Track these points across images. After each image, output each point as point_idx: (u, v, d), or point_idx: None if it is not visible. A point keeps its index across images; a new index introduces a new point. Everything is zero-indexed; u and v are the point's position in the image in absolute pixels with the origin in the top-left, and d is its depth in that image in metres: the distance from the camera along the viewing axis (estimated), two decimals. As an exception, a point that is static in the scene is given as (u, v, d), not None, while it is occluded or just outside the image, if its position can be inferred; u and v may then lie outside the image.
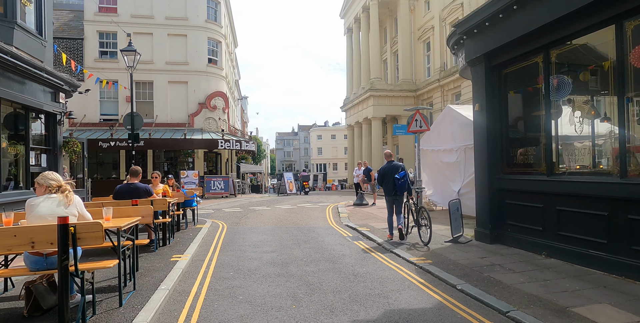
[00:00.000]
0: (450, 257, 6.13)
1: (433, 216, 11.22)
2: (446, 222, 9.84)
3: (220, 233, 8.82)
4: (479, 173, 7.28)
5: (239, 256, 6.53)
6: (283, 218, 11.65)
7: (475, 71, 7.23)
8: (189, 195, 8.64)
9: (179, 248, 6.82)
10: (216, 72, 23.38)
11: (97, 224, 3.19)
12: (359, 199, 14.75)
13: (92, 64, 21.21)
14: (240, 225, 10.29)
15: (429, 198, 13.13)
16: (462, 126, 10.75)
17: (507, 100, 6.89)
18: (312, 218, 11.68)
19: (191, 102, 22.40)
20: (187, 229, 8.85)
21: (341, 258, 6.40)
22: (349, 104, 39.57)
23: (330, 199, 18.70)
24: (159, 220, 6.59)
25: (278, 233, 8.93)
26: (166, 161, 23.37)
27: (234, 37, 32.99)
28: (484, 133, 7.04)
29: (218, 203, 17.24)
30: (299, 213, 12.90)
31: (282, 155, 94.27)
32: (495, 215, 6.90)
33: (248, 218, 11.80)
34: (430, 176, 13.04)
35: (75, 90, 10.62)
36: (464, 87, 25.51)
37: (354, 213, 12.72)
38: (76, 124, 20.95)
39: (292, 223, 10.64)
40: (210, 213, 13.21)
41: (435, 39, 30.40)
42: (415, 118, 10.98)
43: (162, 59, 22.05)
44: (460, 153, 10.82)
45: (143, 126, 21.90)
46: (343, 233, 9.11)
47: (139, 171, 6.50)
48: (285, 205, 15.87)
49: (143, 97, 22.20)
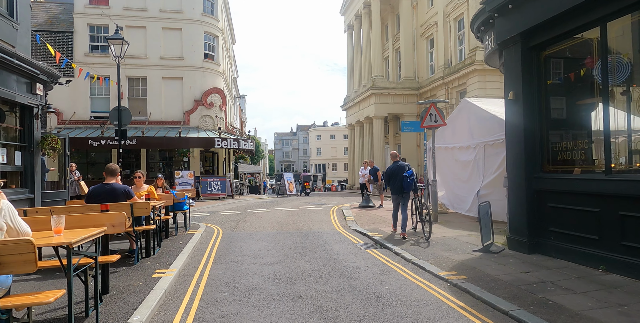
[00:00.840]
0: (487, 271, 5.15)
1: (447, 220, 10.33)
2: (465, 227, 8.90)
3: (214, 240, 7.82)
4: (513, 171, 6.30)
5: (235, 270, 5.53)
6: (284, 222, 10.65)
7: (509, 54, 6.25)
8: (180, 197, 7.64)
9: (165, 259, 5.81)
10: (213, 67, 22.38)
11: (25, 243, 2.20)
12: (365, 201, 13.77)
13: (83, 59, 20.19)
14: (238, 230, 9.29)
15: (440, 201, 12.17)
16: (482, 120, 9.78)
17: (547, 86, 5.91)
18: (316, 222, 10.69)
19: (186, 99, 21.39)
20: (177, 236, 7.84)
21: (356, 272, 5.41)
22: (349, 103, 38.60)
23: (333, 201, 17.72)
24: (142, 227, 5.59)
25: (280, 240, 7.93)
26: (161, 160, 22.36)
27: (231, 33, 31.99)
28: (519, 125, 6.07)
29: (214, 204, 16.23)
30: (301, 216, 11.91)
31: (280, 155, 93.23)
32: (534, 220, 5.92)
33: (246, 222, 10.80)
34: (441, 176, 12.06)
35: (55, 81, 9.62)
36: (470, 84, 24.61)
37: (361, 216, 11.74)
38: (65, 122, 19.92)
39: (294, 228, 9.65)
40: (205, 216, 12.21)
41: (439, 36, 29.49)
42: (430, 112, 10.02)
43: (156, 54, 21.04)
44: (479, 151, 9.84)
45: (136, 124, 20.94)
46: (353, 239, 8.12)
47: (117, 169, 5.49)
48: (286, 207, 14.88)
49: (136, 93, 21.17)
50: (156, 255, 6.03)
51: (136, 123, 20.60)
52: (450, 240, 7.43)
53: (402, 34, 32.69)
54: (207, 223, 10.53)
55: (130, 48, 21.45)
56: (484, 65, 23.87)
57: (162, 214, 7.01)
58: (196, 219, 11.36)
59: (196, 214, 12.61)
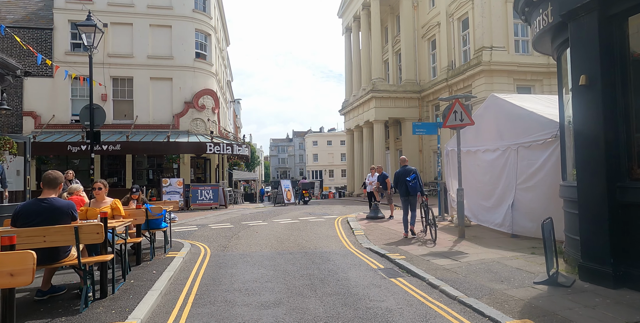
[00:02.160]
0: (573, 319, 3.67)
1: (476, 235, 8.78)
2: (502, 245, 7.38)
3: (199, 266, 6.28)
4: (585, 179, 4.85)
5: (222, 318, 4.01)
6: (284, 238, 9.13)
7: (579, 27, 4.84)
8: (156, 213, 6.11)
9: (126, 302, 4.26)
10: (205, 67, 20.93)
11: None
12: (374, 212, 12.28)
13: (63, 58, 18.67)
14: (229, 250, 7.75)
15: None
16: (515, 119, 8.38)
17: (634, 67, 4.51)
18: (322, 238, 9.18)
19: (176, 101, 19.89)
20: (153, 261, 6.28)
21: (389, 320, 3.91)
22: (348, 107, 37.28)
23: (335, 211, 16.22)
24: (91, 258, 4.07)
25: (281, 265, 6.42)
26: (150, 168, 20.76)
27: (225, 34, 30.63)
28: (595, 117, 4.64)
29: (205, 216, 14.65)
30: (302, 230, 10.40)
31: (276, 162, 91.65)
32: (620, 243, 4.47)
33: (240, 238, 9.26)
34: (453, 182, 10.64)
35: (10, 73, 8.11)
36: (476, 86, 23.35)
37: (372, 229, 10.25)
38: (42, 126, 18.32)
39: (296, 246, 8.14)
40: (192, 231, 10.65)
41: (441, 37, 28.35)
42: (454, 109, 8.60)
43: (143, 52, 19.57)
44: (510, 154, 8.42)
45: (121, 128, 19.36)
46: (369, 262, 6.62)
47: (58, 179, 3.98)
48: (285, 218, 13.35)
49: (121, 95, 19.64)
50: (116, 294, 4.47)
51: (121, 127, 19.08)
52: (494, 264, 5.95)
53: (403, 35, 31.55)
54: (193, 240, 8.97)
55: (115, 47, 20.03)
56: (490, 66, 22.73)
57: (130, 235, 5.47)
58: (181, 235, 9.81)
59: (182, 228, 11.06)
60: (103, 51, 19.08)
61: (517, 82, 23.00)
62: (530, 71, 22.76)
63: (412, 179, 8.43)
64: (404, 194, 8.55)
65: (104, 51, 19.08)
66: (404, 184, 8.45)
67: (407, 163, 8.98)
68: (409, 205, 8.57)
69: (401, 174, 8.60)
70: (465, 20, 25.75)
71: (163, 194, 16.93)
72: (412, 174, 8.51)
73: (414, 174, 8.51)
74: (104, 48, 19.11)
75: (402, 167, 8.80)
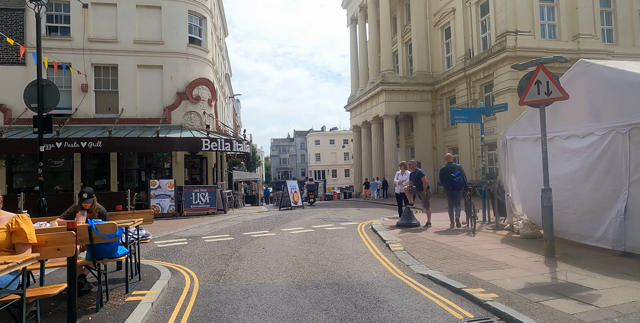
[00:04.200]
0: None
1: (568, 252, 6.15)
2: (620, 271, 4.86)
3: (177, 317, 3.93)
4: None
5: None
6: (301, 257, 6.77)
7: None
8: (105, 233, 3.70)
9: None
10: (200, 54, 18.57)
11: None
12: (406, 218, 9.89)
13: (37, 43, 16.27)
14: (226, 280, 5.38)
15: (523, 213, 8.38)
16: (622, 90, 6.00)
17: None
18: (351, 256, 6.82)
19: (167, 92, 17.54)
20: (100, 315, 3.88)
21: None
22: (354, 103, 34.93)
23: (351, 215, 13.86)
24: None
25: (305, 309, 4.08)
26: (141, 168, 18.41)
27: (223, 22, 28.27)
28: None
29: (199, 224, 12.27)
30: (322, 244, 8.03)
31: (277, 162, 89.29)
32: None
33: (241, 258, 6.88)
34: (522, 181, 8.28)
35: None
36: (498, 75, 20.95)
37: (411, 242, 7.89)
38: (12, 120, 15.97)
39: (321, 270, 5.79)
40: (180, 245, 8.29)
41: (457, 24, 26.05)
42: (537, 79, 6.23)
43: (129, 37, 17.23)
44: (614, 140, 6.06)
45: (103, 122, 16.94)
46: (444, 304, 4.26)
47: None
48: (296, 226, 10.98)
49: (105, 85, 17.28)
50: None
51: (104, 122, 16.73)
52: None
53: (414, 24, 29.24)
54: (178, 262, 6.60)
55: (97, 30, 17.62)
56: (516, 52, 20.29)
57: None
58: (165, 252, 7.45)
59: (168, 242, 8.69)
60: (83, 35, 16.78)
61: (545, 70, 20.62)
62: (558, 58, 20.32)
63: (457, 175, 8.94)
64: (448, 188, 9.18)
65: (84, 34, 16.77)
66: (449, 180, 9.02)
67: (452, 160, 9.40)
68: (454, 198, 9.13)
69: (447, 170, 9.13)
70: (484, 4, 23.46)
71: (151, 198, 14.56)
72: (457, 170, 9.03)
73: (458, 171, 9.02)
74: (84, 32, 16.80)
75: (447, 163, 9.30)
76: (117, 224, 3.87)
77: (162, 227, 11.52)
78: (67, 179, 17.10)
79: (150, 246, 8.22)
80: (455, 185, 9.00)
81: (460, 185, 8.99)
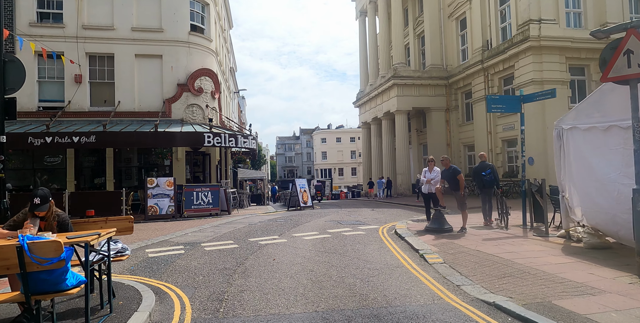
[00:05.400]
0: None
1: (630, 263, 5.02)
2: None
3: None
4: None
5: None
6: (322, 274, 5.45)
7: None
8: (44, 257, 2.43)
9: None
10: (202, 43, 17.29)
11: None
12: (438, 222, 8.55)
13: (27, 30, 15.13)
14: (228, 310, 4.08)
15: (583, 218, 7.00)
16: None
17: None
18: (383, 272, 5.50)
19: (167, 84, 16.28)
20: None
21: None
22: (364, 98, 33.51)
23: (367, 217, 12.55)
24: None
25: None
26: (140, 165, 17.21)
27: (227, 14, 26.99)
28: None
29: (200, 227, 10.99)
30: (343, 254, 6.72)
31: (283, 161, 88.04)
32: None
33: (247, 274, 5.58)
34: (582, 179, 6.91)
35: None
36: (520, 67, 19.45)
37: (450, 252, 6.55)
38: None
39: (350, 294, 4.48)
40: (176, 255, 7.01)
41: (473, 14, 24.53)
42: (627, 48, 4.87)
43: (126, 24, 15.98)
44: None
45: (98, 116, 15.58)
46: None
47: None
48: (309, 230, 9.68)
49: (100, 76, 16.05)
50: None
51: (100, 115, 15.52)
52: None
53: (427, 15, 27.78)
54: (168, 281, 5.31)
55: (92, 17, 16.33)
56: (540, 41, 18.75)
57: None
58: (156, 264, 6.18)
59: (162, 250, 7.42)
60: (77, 22, 15.55)
61: (570, 61, 19.17)
62: (585, 48, 18.88)
63: (488, 173, 9.07)
64: (480, 186, 9.36)
65: (77, 21, 15.54)
66: (480, 178, 9.13)
67: (485, 159, 9.47)
68: (486, 196, 9.24)
69: (479, 169, 9.27)
70: (503, -9, 22.00)
71: (148, 198, 13.31)
72: (488, 169, 9.13)
73: (489, 170, 9.12)
74: (78, 18, 15.58)
75: (480, 162, 9.40)
76: (63, 242, 2.59)
77: (158, 231, 10.28)
78: (58, 177, 15.94)
79: (140, 256, 6.95)
80: (486, 183, 9.06)
81: (491, 183, 9.02)
